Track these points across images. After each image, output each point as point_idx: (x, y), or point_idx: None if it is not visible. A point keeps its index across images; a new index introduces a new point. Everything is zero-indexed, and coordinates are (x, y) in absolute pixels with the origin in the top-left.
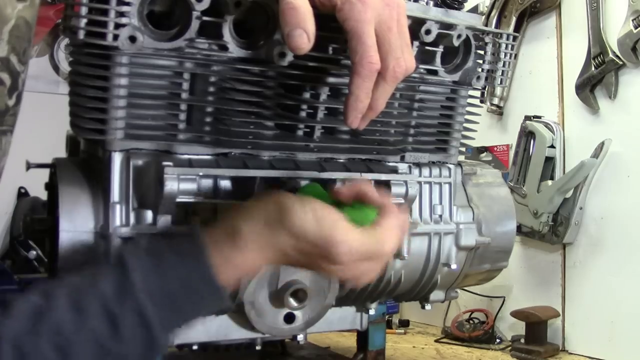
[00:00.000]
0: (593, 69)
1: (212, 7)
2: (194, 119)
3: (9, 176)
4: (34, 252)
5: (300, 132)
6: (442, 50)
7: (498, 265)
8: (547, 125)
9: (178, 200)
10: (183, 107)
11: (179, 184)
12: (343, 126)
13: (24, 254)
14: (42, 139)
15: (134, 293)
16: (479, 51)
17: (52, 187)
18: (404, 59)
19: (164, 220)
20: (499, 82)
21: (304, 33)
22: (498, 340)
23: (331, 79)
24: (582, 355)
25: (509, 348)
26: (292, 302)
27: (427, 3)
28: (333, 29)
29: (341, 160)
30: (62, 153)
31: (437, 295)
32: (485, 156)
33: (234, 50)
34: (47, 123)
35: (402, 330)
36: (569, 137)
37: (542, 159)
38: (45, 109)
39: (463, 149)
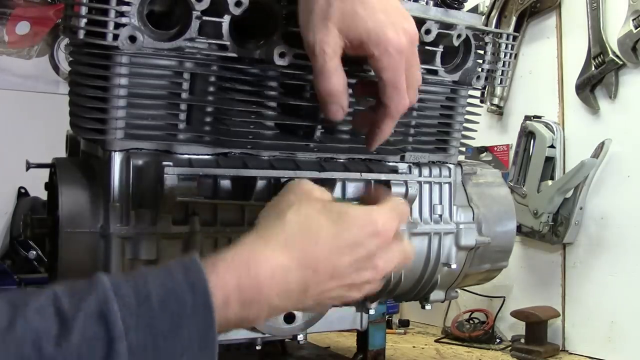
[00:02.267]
0: (593, 69)
1: (211, 7)
2: (194, 119)
3: (9, 176)
4: (34, 252)
5: (300, 132)
6: (442, 50)
7: (498, 265)
8: (547, 125)
9: (178, 200)
10: (183, 107)
11: (179, 184)
12: (343, 126)
13: (24, 254)
14: (42, 139)
15: (97, 290)
16: (479, 51)
17: (52, 187)
18: (409, 95)
19: (164, 220)
20: (499, 82)
21: (340, 109)
22: (498, 340)
23: None
24: (582, 355)
25: (509, 348)
26: None
27: (427, 3)
28: None
29: (341, 160)
30: (62, 153)
31: (437, 295)
32: (485, 156)
33: (234, 50)
34: (47, 123)
35: (402, 330)
36: (569, 137)
37: (542, 159)
38: (45, 109)
39: (463, 149)
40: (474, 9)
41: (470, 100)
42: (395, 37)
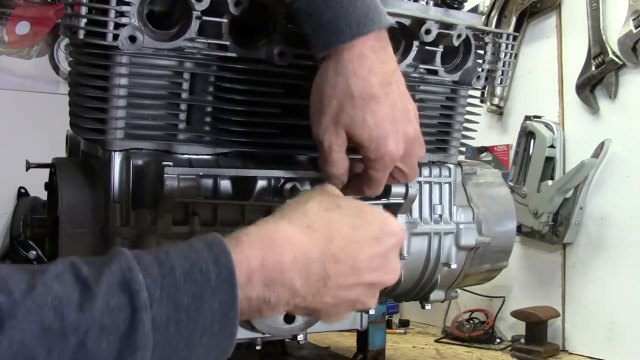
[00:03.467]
0: (593, 69)
1: (211, 7)
2: (194, 119)
3: (9, 176)
4: (34, 252)
5: (300, 132)
6: (442, 50)
7: (498, 265)
8: (547, 125)
9: (178, 200)
10: (183, 107)
11: (179, 184)
12: None
13: (23, 254)
14: (42, 139)
15: (120, 260)
16: (479, 51)
17: (52, 187)
18: (409, 176)
19: (164, 220)
20: (499, 82)
21: (340, 183)
22: (498, 340)
23: None
24: (582, 355)
25: (509, 348)
26: None
27: (427, 3)
28: None
29: None
30: (62, 153)
31: (437, 295)
32: (485, 156)
33: (234, 50)
34: (47, 123)
35: (402, 330)
36: (569, 137)
37: (542, 159)
38: (45, 109)
39: (463, 149)
40: (474, 9)
41: (470, 100)
42: (394, 149)
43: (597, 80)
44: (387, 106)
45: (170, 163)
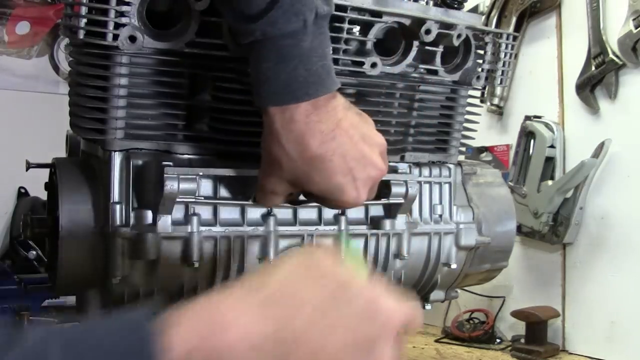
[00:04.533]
0: (593, 69)
1: (211, 7)
2: (194, 119)
3: (9, 176)
4: (34, 252)
5: None
6: (442, 50)
7: (498, 265)
8: (547, 125)
9: (178, 200)
10: (183, 107)
11: (179, 184)
12: None
13: (23, 254)
14: (42, 139)
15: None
16: (479, 51)
17: (52, 187)
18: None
19: (164, 220)
20: (499, 82)
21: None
22: (498, 340)
23: None
24: (582, 355)
25: (509, 348)
26: None
27: (427, 3)
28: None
29: None
30: (62, 153)
31: (437, 295)
32: (485, 156)
33: (234, 50)
34: (47, 123)
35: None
36: (569, 137)
37: (542, 159)
38: (45, 109)
39: (463, 149)
40: (474, 9)
41: (470, 100)
42: (353, 197)
43: (597, 80)
44: (336, 160)
45: (170, 163)
